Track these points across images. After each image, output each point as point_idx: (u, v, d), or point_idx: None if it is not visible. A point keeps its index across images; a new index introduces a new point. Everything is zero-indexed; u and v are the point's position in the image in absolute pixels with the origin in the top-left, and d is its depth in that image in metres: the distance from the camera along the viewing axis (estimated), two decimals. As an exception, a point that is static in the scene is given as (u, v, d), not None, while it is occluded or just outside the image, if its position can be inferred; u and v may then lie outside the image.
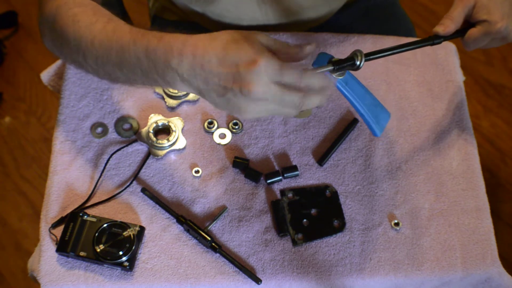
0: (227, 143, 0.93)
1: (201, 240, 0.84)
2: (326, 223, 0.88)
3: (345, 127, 0.95)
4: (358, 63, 0.69)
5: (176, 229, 0.86)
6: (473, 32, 0.81)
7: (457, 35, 0.82)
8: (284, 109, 0.65)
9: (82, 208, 0.86)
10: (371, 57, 0.73)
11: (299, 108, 0.65)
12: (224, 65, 0.62)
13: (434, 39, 0.80)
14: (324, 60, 0.71)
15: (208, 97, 0.66)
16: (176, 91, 0.95)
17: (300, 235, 0.86)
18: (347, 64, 0.70)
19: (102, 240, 0.82)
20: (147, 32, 0.68)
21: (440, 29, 0.80)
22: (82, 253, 0.81)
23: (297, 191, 0.90)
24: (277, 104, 0.64)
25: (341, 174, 0.92)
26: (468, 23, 0.82)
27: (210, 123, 0.94)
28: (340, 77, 0.72)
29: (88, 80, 0.97)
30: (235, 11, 0.99)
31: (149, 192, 0.87)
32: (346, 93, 0.74)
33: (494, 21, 0.79)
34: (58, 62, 1.03)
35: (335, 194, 0.90)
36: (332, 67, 0.70)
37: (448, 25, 0.80)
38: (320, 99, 0.66)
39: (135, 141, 0.92)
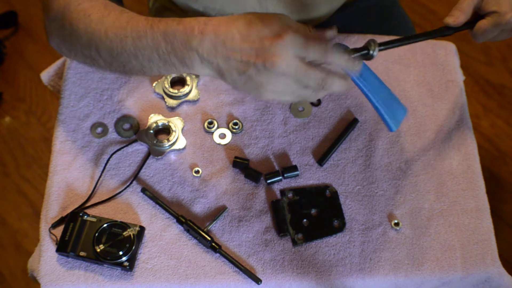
0: (227, 143, 0.93)
1: (201, 240, 0.84)
2: (326, 223, 0.88)
3: (345, 127, 0.95)
4: (372, 52, 0.69)
5: (176, 229, 0.86)
6: (482, 23, 0.81)
7: (467, 27, 0.82)
8: (305, 90, 0.64)
9: (82, 208, 0.86)
10: (384, 47, 0.73)
11: (320, 88, 0.64)
12: (248, 40, 0.62)
13: (444, 31, 0.80)
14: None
15: (228, 77, 0.65)
16: (176, 91, 0.95)
17: (300, 235, 0.86)
18: (361, 53, 0.69)
19: (102, 240, 0.82)
20: (164, 18, 0.68)
21: (450, 20, 0.79)
22: (82, 253, 0.81)
23: (297, 191, 0.90)
24: (298, 82, 0.63)
25: (341, 174, 0.92)
26: (477, 14, 0.82)
27: (210, 123, 0.94)
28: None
29: (88, 80, 0.97)
30: (235, 7, 0.99)
31: (149, 192, 0.87)
32: (360, 84, 0.72)
33: (504, 12, 0.79)
34: (58, 62, 1.03)
35: (335, 194, 0.90)
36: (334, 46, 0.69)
37: (458, 16, 0.79)
38: (342, 84, 0.65)
39: (135, 141, 0.92)
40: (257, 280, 0.82)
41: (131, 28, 0.69)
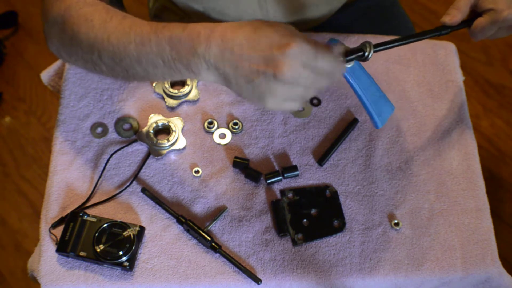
0: (227, 143, 0.93)
1: (201, 240, 0.84)
2: (326, 223, 0.88)
3: (345, 127, 0.95)
4: (367, 54, 0.69)
5: (176, 229, 0.86)
6: (480, 21, 0.81)
7: (464, 25, 0.82)
8: (308, 92, 0.64)
9: (82, 208, 0.86)
10: (379, 48, 0.73)
11: (318, 89, 0.65)
12: (256, 48, 0.61)
13: (441, 30, 0.80)
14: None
15: (235, 84, 0.64)
16: (176, 91, 0.95)
17: (300, 235, 0.86)
18: (356, 55, 0.70)
19: (102, 240, 0.82)
20: (168, 23, 0.67)
21: (447, 19, 0.80)
22: (82, 253, 0.81)
23: (297, 191, 0.90)
24: (304, 88, 0.63)
25: (341, 174, 0.92)
26: (475, 13, 0.82)
27: (210, 123, 0.94)
28: (348, 66, 0.72)
29: (88, 80, 0.97)
30: (234, 8, 0.99)
31: (149, 192, 0.87)
32: (352, 82, 0.73)
33: (501, 9, 0.79)
34: (58, 62, 1.03)
35: (335, 194, 0.90)
36: (342, 58, 0.70)
37: (454, 15, 0.80)
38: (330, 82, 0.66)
39: (135, 141, 0.92)
40: (257, 280, 0.82)
41: (135, 33, 0.69)
